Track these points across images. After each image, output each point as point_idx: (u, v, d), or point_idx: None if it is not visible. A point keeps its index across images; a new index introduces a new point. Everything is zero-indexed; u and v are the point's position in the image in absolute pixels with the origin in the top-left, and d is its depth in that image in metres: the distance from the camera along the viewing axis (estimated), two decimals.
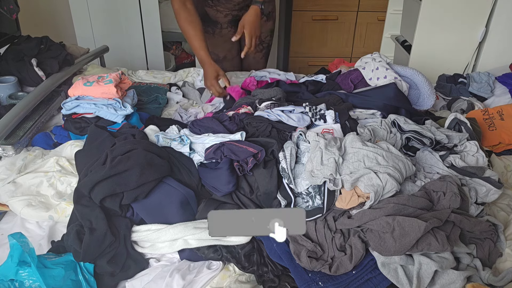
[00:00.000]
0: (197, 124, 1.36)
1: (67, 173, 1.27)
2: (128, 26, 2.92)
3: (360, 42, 3.53)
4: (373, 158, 1.05)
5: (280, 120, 1.35)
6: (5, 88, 1.69)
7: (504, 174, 1.32)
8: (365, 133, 1.28)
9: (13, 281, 0.90)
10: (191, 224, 1.04)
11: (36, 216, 1.16)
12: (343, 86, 1.67)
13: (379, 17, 3.30)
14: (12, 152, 1.38)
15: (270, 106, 1.43)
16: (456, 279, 0.88)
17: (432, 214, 0.95)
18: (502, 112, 1.52)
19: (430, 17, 2.29)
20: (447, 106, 1.76)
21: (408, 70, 1.59)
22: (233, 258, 0.99)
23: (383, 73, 1.58)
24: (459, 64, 2.40)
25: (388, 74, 1.57)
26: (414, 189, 1.07)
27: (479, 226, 0.99)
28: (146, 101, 1.76)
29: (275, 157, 1.16)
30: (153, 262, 1.04)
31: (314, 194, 1.06)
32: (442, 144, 1.26)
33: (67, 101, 1.50)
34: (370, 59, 1.67)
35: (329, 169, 1.03)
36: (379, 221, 0.94)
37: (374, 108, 1.48)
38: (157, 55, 3.05)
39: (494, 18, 2.22)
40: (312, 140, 1.13)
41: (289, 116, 1.35)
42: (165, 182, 1.11)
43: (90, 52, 2.19)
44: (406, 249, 0.90)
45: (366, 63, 1.68)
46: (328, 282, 0.91)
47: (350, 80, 1.67)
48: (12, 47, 1.84)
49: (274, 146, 1.17)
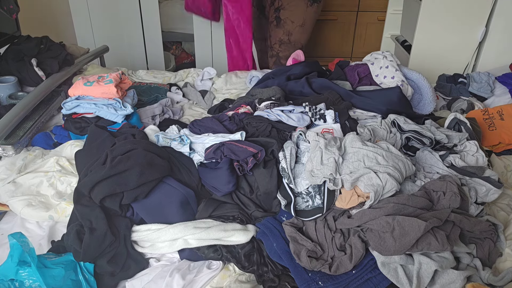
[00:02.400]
0: (197, 124, 1.36)
1: (67, 173, 1.27)
2: (128, 26, 2.92)
3: (360, 42, 3.53)
4: (373, 158, 1.05)
5: (280, 120, 1.35)
6: (5, 88, 1.69)
7: (504, 174, 1.32)
8: (365, 133, 1.28)
9: (13, 281, 0.90)
10: (191, 224, 1.04)
11: (36, 216, 1.16)
12: (349, 77, 1.67)
13: (379, 17, 3.30)
14: (12, 152, 1.38)
15: (270, 106, 1.43)
16: (456, 279, 0.88)
17: (432, 214, 0.95)
18: (502, 112, 1.52)
19: (430, 17, 2.29)
20: (447, 106, 1.76)
21: (415, 74, 1.60)
22: (233, 258, 0.99)
23: (392, 73, 1.58)
24: (459, 64, 2.40)
25: (396, 76, 1.57)
26: (414, 189, 1.07)
27: (479, 225, 0.99)
28: (146, 101, 1.76)
29: (275, 157, 1.16)
30: (153, 262, 1.04)
31: (314, 194, 1.06)
32: (442, 144, 1.26)
33: (67, 101, 1.50)
34: (381, 56, 1.67)
35: (329, 169, 1.03)
36: (379, 221, 0.94)
37: (376, 111, 1.48)
38: (157, 55, 3.05)
39: (494, 18, 2.22)
40: (312, 140, 1.13)
41: (289, 116, 1.35)
42: (165, 182, 1.11)
43: (90, 52, 2.19)
44: (406, 249, 0.90)
45: (375, 59, 1.68)
46: (328, 282, 0.91)
47: (356, 72, 1.68)
48: (12, 47, 1.84)
49: (274, 146, 1.17)
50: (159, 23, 2.93)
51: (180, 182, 1.13)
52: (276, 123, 1.34)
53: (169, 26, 3.14)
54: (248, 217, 1.08)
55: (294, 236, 0.98)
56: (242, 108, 1.46)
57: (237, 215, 1.07)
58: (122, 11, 2.86)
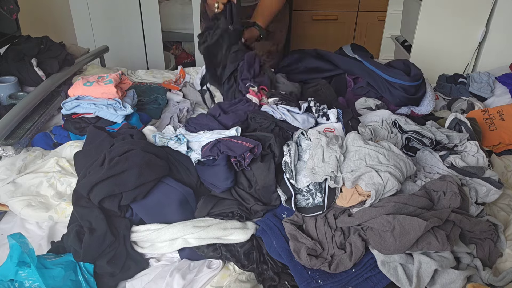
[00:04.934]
0: (192, 122, 1.36)
1: (67, 173, 1.27)
2: (128, 26, 2.92)
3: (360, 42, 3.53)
4: (374, 157, 1.05)
5: (285, 119, 1.35)
6: (5, 88, 1.69)
7: (504, 174, 1.32)
8: (366, 132, 1.28)
9: (12, 281, 0.90)
10: (190, 223, 1.04)
11: (36, 217, 1.16)
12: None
13: (379, 17, 3.30)
14: (12, 152, 1.38)
15: (278, 102, 1.42)
16: (456, 279, 0.88)
17: (432, 214, 0.95)
18: (502, 112, 1.52)
19: (430, 17, 2.29)
20: (447, 106, 1.76)
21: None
22: (233, 256, 0.99)
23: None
24: (459, 64, 2.40)
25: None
26: (415, 189, 1.07)
27: (479, 226, 0.99)
28: (145, 101, 1.75)
29: (272, 150, 1.16)
30: (153, 262, 1.04)
31: (314, 192, 1.06)
32: (443, 144, 1.26)
33: (67, 101, 1.50)
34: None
35: (330, 167, 1.03)
36: (380, 220, 0.94)
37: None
38: (157, 55, 3.05)
39: (494, 18, 2.22)
40: (314, 138, 1.13)
41: (294, 117, 1.35)
42: (164, 181, 1.11)
43: (90, 52, 2.19)
44: (406, 248, 0.90)
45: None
46: (328, 280, 0.91)
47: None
48: (12, 47, 1.84)
49: (271, 140, 1.17)
50: (159, 23, 2.93)
51: (179, 181, 1.13)
52: (280, 122, 1.34)
53: (169, 26, 3.14)
54: (247, 212, 1.08)
55: (294, 234, 0.98)
56: (252, 93, 1.43)
57: (236, 211, 1.07)
58: (122, 11, 2.86)
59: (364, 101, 1.56)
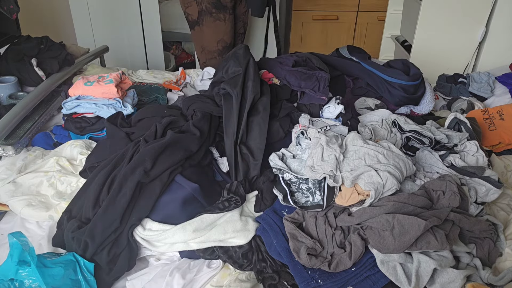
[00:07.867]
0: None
1: (67, 173, 1.27)
2: (128, 26, 2.92)
3: (360, 42, 3.53)
4: (374, 156, 1.05)
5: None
6: (5, 88, 1.69)
7: (504, 174, 1.32)
8: (365, 132, 1.28)
9: (13, 280, 0.90)
10: (189, 227, 1.03)
11: (36, 216, 1.16)
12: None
13: (379, 17, 3.30)
14: (12, 152, 1.38)
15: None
16: (456, 278, 0.88)
17: (431, 213, 0.95)
18: (502, 112, 1.52)
19: (430, 17, 2.28)
20: (447, 106, 1.76)
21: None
22: (230, 258, 0.99)
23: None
24: (459, 64, 2.40)
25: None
26: (414, 188, 1.07)
27: (479, 225, 0.99)
28: (146, 101, 1.75)
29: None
30: (153, 261, 1.04)
31: (314, 190, 1.06)
32: (442, 143, 1.26)
33: (67, 100, 1.50)
34: None
35: (330, 165, 1.03)
36: (379, 219, 0.94)
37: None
38: (157, 55, 3.05)
39: (494, 18, 2.22)
40: (314, 137, 1.13)
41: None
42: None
43: (90, 52, 2.19)
44: (406, 247, 0.90)
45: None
46: (327, 280, 0.91)
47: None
48: (12, 47, 1.84)
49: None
50: (159, 23, 2.93)
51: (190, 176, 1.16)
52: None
53: (169, 26, 3.14)
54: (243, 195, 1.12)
55: (293, 233, 0.98)
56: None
57: (232, 197, 1.08)
58: (122, 11, 2.86)
59: (363, 101, 1.56)
